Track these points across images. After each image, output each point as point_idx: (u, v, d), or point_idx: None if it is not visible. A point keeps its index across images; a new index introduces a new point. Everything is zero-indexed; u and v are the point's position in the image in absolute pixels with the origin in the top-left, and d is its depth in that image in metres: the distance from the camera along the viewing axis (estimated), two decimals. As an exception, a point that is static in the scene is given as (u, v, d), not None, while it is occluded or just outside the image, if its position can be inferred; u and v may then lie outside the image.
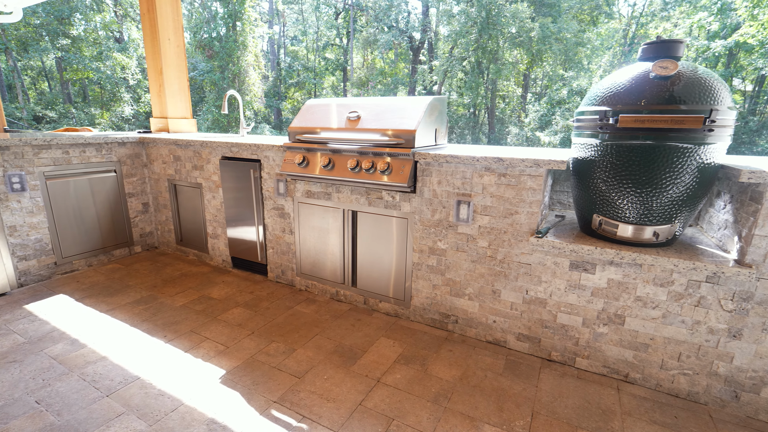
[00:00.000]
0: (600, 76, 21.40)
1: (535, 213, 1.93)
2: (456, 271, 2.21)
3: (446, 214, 2.17)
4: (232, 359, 2.04)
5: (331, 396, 1.77)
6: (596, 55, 22.07)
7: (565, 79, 21.76)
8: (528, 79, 23.67)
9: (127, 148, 3.36)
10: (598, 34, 21.82)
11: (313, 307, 2.61)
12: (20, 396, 1.74)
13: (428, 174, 2.17)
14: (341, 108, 2.51)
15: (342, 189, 2.49)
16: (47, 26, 18.59)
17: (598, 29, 22.00)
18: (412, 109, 2.27)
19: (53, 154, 2.88)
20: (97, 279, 2.99)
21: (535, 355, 2.09)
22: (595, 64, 22.22)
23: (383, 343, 2.20)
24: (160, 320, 2.41)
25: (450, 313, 2.29)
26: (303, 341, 2.21)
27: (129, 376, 1.89)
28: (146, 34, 3.90)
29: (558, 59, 20.93)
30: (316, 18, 27.37)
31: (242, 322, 2.41)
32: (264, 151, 2.75)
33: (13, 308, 2.52)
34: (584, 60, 21.61)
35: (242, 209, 2.99)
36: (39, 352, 2.06)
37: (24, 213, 2.76)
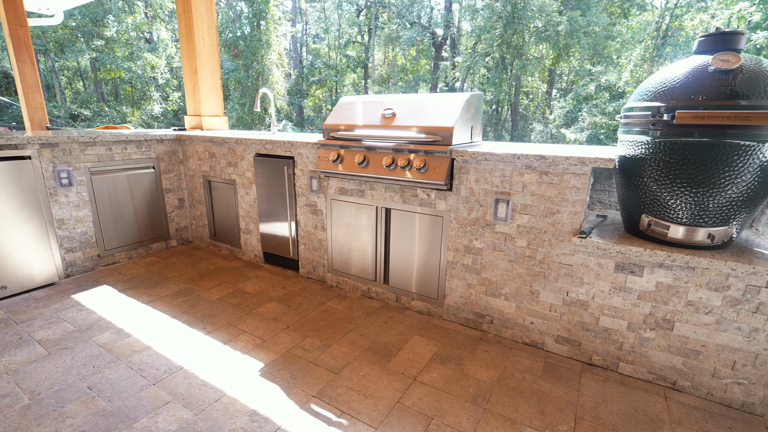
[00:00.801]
0: (630, 70, 20.60)
1: (578, 213, 1.87)
2: (492, 270, 2.18)
3: (483, 213, 2.13)
4: (270, 353, 2.07)
5: (368, 392, 1.78)
6: (626, 49, 21.24)
7: (592, 74, 21.06)
8: (553, 75, 23.04)
9: (164, 145, 3.47)
10: (628, 27, 20.99)
11: (345, 304, 2.63)
12: (73, 381, 1.83)
13: (465, 172, 2.14)
14: (376, 105, 2.50)
15: (376, 186, 2.48)
16: (83, 28, 19.41)
17: (629, 22, 21.16)
18: (449, 106, 2.24)
19: (97, 150, 3.00)
20: (137, 271, 3.11)
21: (574, 359, 2.03)
22: (625, 58, 21.40)
23: (417, 341, 2.19)
24: (198, 312, 2.48)
25: (485, 313, 2.26)
26: (337, 337, 2.23)
27: (173, 366, 1.95)
28: (182, 34, 4.01)
29: (586, 53, 20.28)
30: (338, 16, 27.48)
31: (277, 316, 2.45)
32: (298, 148, 2.78)
33: (62, 297, 2.65)
34: (613, 54, 20.85)
35: (275, 206, 3.04)
36: (88, 340, 2.16)
37: (71, 207, 2.89)
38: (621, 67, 21.14)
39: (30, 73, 6.42)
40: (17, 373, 1.87)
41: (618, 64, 21.23)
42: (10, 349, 2.06)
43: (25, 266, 2.66)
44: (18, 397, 1.72)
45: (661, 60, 20.16)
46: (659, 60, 20.31)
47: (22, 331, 2.23)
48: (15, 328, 2.26)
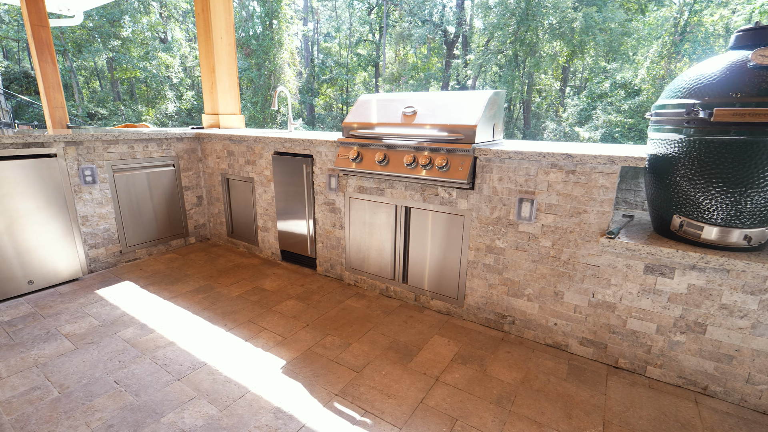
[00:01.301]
0: (647, 68, 20.16)
1: (606, 212, 1.83)
2: (515, 270, 2.15)
3: (506, 212, 2.10)
4: (291, 350, 2.08)
5: (391, 392, 1.77)
6: (642, 46, 20.79)
7: (607, 72, 20.69)
8: (567, 72, 22.70)
9: (184, 143, 3.51)
10: (645, 23, 20.53)
11: (364, 302, 2.62)
12: (101, 375, 1.86)
13: (488, 170, 2.11)
14: (396, 103, 2.49)
15: (396, 185, 2.47)
16: (100, 29, 19.79)
17: (645, 18, 20.70)
18: (471, 104, 2.21)
19: (120, 148, 3.05)
20: (157, 267, 3.15)
21: (600, 361, 1.99)
22: (641, 55, 20.95)
23: (438, 341, 2.18)
24: (219, 309, 2.51)
25: (507, 313, 2.23)
26: (357, 336, 2.22)
27: (196, 361, 1.97)
28: (200, 33, 4.04)
29: (601, 51, 19.92)
30: (349, 14, 27.49)
31: (296, 314, 2.46)
32: (317, 147, 2.78)
33: (86, 293, 2.70)
34: (629, 51, 20.44)
35: (293, 204, 3.05)
36: (113, 335, 2.20)
37: (94, 204, 2.95)
38: (637, 64, 20.72)
39: (51, 73, 6.57)
40: (46, 367, 1.91)
41: (634, 61, 20.81)
42: (39, 342, 2.11)
43: (51, 262, 2.72)
44: (48, 390, 1.76)
45: (679, 57, 19.68)
46: (677, 57, 19.82)
47: (50, 325, 2.28)
48: (42, 322, 2.31)
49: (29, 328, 2.25)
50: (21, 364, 1.93)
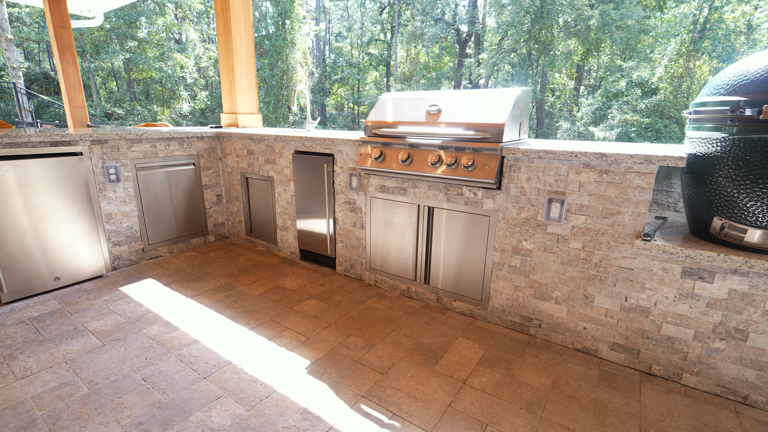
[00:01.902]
0: (664, 66, 19.71)
1: (641, 214, 1.77)
2: (542, 272, 2.10)
3: (534, 213, 2.05)
4: (315, 350, 2.07)
5: (418, 395, 1.74)
6: (659, 44, 20.33)
7: (623, 70, 20.29)
8: (581, 71, 22.33)
9: (204, 142, 3.53)
10: (663, 20, 20.06)
11: (385, 303, 2.60)
12: (128, 373, 1.87)
13: (516, 170, 2.07)
14: (419, 101, 2.46)
15: (419, 184, 2.44)
16: (117, 30, 20.17)
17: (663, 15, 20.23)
18: (498, 102, 2.17)
19: (143, 147, 3.09)
20: (179, 265, 3.18)
21: (631, 368, 1.93)
22: (658, 52, 20.49)
23: (462, 343, 2.14)
24: (241, 308, 2.51)
25: (533, 316, 2.18)
26: (380, 337, 2.20)
27: (221, 360, 1.98)
28: (219, 32, 4.07)
29: (617, 49, 19.55)
30: (361, 14, 27.50)
31: (318, 314, 2.45)
32: (338, 146, 2.77)
33: (110, 290, 2.73)
34: (646, 49, 20.02)
35: (313, 203, 3.04)
36: (138, 332, 2.21)
37: (118, 202, 2.98)
38: (654, 62, 20.28)
39: (72, 73, 6.70)
40: (75, 363, 1.93)
41: (651, 59, 20.37)
42: (67, 338, 2.14)
43: (76, 259, 2.76)
44: (77, 386, 1.77)
45: (699, 54, 19.18)
46: (696, 54, 19.33)
47: (77, 321, 2.31)
48: (70, 319, 2.34)
49: (57, 324, 2.28)
50: (50, 359, 1.95)
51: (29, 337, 2.14)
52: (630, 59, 20.06)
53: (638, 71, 20.04)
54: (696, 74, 19.37)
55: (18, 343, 2.08)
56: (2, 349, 2.03)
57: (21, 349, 2.03)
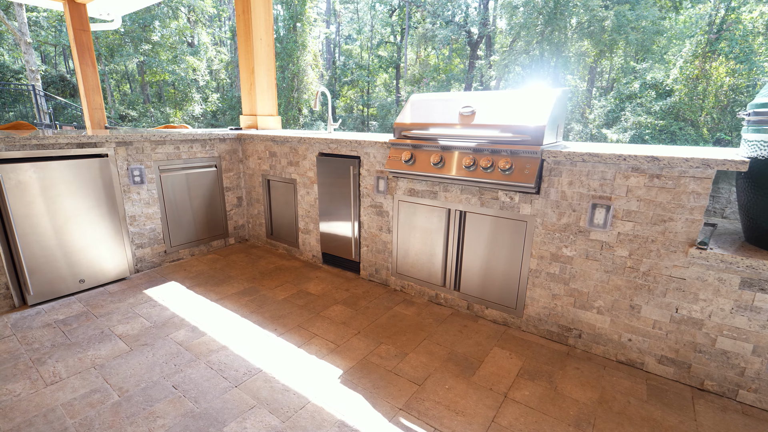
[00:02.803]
0: (680, 67, 19.38)
1: (696, 221, 1.68)
2: (583, 281, 2.01)
3: (576, 219, 1.97)
4: (346, 359, 2.00)
5: (458, 408, 1.67)
6: (673, 45, 19.99)
7: (636, 72, 20.00)
8: (594, 73, 22.06)
9: (226, 144, 3.51)
10: (677, 21, 19.72)
11: (413, 310, 2.53)
12: (158, 380, 1.83)
13: (557, 174, 1.98)
14: (450, 102, 2.39)
15: (450, 188, 2.37)
16: (131, 33, 20.47)
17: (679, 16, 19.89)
18: (537, 103, 2.09)
19: (167, 149, 3.06)
20: (201, 268, 3.15)
21: (681, 382, 1.83)
22: (671, 54, 20.15)
23: (498, 353, 2.06)
24: (267, 313, 2.46)
25: (572, 326, 2.09)
26: (412, 345, 2.13)
27: (252, 368, 1.92)
28: (240, 34, 4.05)
29: (630, 50, 19.26)
30: (371, 16, 27.57)
31: (345, 320, 2.39)
32: (365, 148, 2.71)
33: (135, 293, 2.70)
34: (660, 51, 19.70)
35: (337, 206, 2.99)
36: (165, 337, 2.17)
37: (142, 204, 2.96)
38: (668, 63, 19.95)
39: (91, 75, 6.77)
40: (104, 368, 1.90)
41: (665, 61, 20.05)
42: (94, 343, 2.10)
43: (100, 261, 2.74)
44: (108, 393, 1.73)
45: (715, 56, 18.82)
46: (712, 56, 18.97)
47: (103, 325, 2.28)
48: (96, 322, 2.31)
49: (83, 327, 2.25)
50: (79, 364, 1.92)
51: (57, 340, 2.12)
52: (643, 61, 19.77)
53: (652, 73, 19.73)
54: (712, 76, 19.01)
55: (46, 347, 2.05)
56: (31, 353, 2.00)
57: (49, 354, 2.00)
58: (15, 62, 20.41)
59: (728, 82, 18.15)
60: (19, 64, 19.99)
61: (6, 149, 2.27)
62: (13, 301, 2.43)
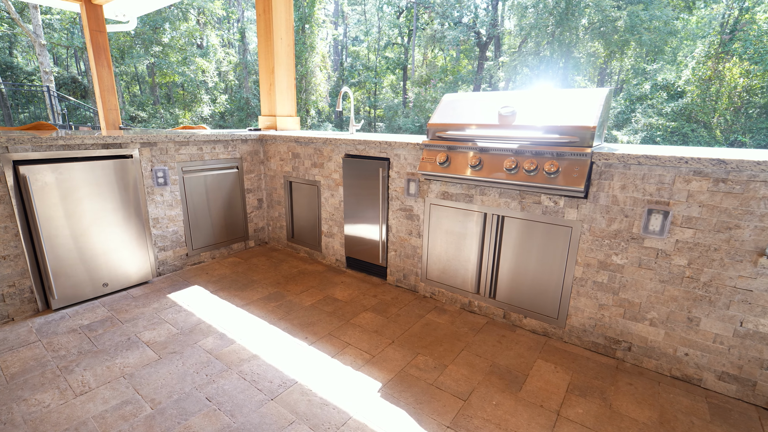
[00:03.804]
0: (692, 68, 19.12)
1: (767, 229, 1.56)
2: (635, 290, 1.90)
3: (628, 225, 1.86)
4: (383, 371, 1.91)
5: (509, 427, 1.57)
6: (684, 46, 19.72)
7: (647, 73, 19.76)
8: (604, 73, 21.83)
9: (248, 145, 3.44)
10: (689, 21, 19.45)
11: (446, 318, 2.43)
12: (190, 391, 1.75)
13: (607, 177, 1.88)
14: (488, 102, 2.29)
15: (488, 192, 2.27)
16: (142, 35, 20.63)
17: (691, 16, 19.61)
18: (584, 102, 1.99)
19: (190, 150, 3.00)
20: (223, 272, 3.08)
21: (745, 401, 1.72)
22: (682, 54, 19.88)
23: (542, 366, 1.95)
24: (295, 320, 2.38)
25: (620, 338, 1.98)
26: (450, 356, 2.03)
27: (286, 379, 1.84)
28: (260, 34, 3.99)
29: (640, 51, 19.02)
30: (378, 18, 27.57)
31: (377, 328, 2.30)
32: (395, 149, 2.62)
33: (158, 297, 2.64)
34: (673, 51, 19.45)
35: (364, 209, 2.90)
36: (194, 345, 2.10)
37: (165, 206, 2.90)
38: (680, 64, 19.70)
39: (107, 76, 6.76)
40: (133, 378, 1.82)
41: (676, 62, 19.80)
42: (122, 350, 2.03)
43: (124, 264, 2.68)
44: (140, 405, 1.66)
45: (728, 56, 18.54)
46: (725, 57, 18.68)
47: (129, 331, 2.21)
48: (121, 328, 2.24)
49: (109, 333, 2.19)
50: (108, 373, 1.85)
51: (83, 347, 2.05)
52: (654, 62, 19.52)
53: (663, 74, 19.49)
54: (725, 77, 18.73)
55: (72, 354, 1.99)
56: (57, 361, 1.93)
57: (76, 361, 1.93)
58: (28, 64, 20.67)
59: (742, 83, 17.85)
60: (32, 66, 20.23)
61: (33, 150, 2.21)
62: (37, 305, 2.38)
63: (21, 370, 1.86)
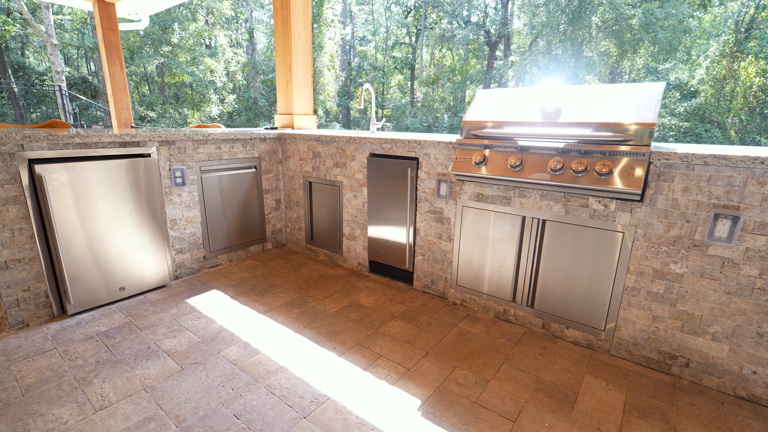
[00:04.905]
0: (706, 67, 18.77)
1: None
2: (696, 302, 1.75)
3: (690, 230, 1.71)
4: (420, 386, 1.78)
5: (568, 453, 1.43)
6: (697, 45, 19.34)
7: (659, 72, 19.42)
8: (615, 73, 21.50)
9: (266, 144, 3.33)
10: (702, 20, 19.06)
11: (480, 327, 2.29)
12: (217, 407, 1.63)
13: (667, 179, 1.73)
14: (527, 98, 2.15)
15: (528, 193, 2.13)
16: (152, 35, 20.72)
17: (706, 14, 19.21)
18: (637, 98, 1.84)
19: (208, 149, 2.89)
20: (241, 275, 2.96)
21: (825, 426, 1.56)
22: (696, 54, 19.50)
23: (593, 383, 1.81)
24: (321, 328, 2.25)
25: (677, 353, 1.83)
26: (491, 370, 1.89)
27: (318, 394, 1.71)
28: (277, 30, 3.88)
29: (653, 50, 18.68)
30: (386, 18, 27.46)
31: (408, 338, 2.16)
32: (425, 148, 2.49)
33: (177, 302, 2.53)
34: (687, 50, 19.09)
35: (389, 211, 2.77)
36: (216, 354, 1.98)
37: (183, 207, 2.79)
38: (693, 63, 19.32)
39: (119, 75, 6.70)
40: (155, 391, 1.71)
41: (689, 61, 19.42)
42: (142, 360, 1.92)
43: (141, 267, 2.58)
44: (163, 422, 1.54)
45: (744, 55, 18.15)
46: (741, 55, 18.29)
47: (148, 339, 2.10)
48: (140, 336, 2.13)
49: (128, 341, 2.08)
50: (128, 386, 1.74)
51: (101, 356, 1.94)
52: (666, 61, 19.17)
53: (675, 73, 19.13)
54: (741, 76, 18.34)
55: (90, 364, 1.88)
56: (75, 371, 1.83)
57: (94, 372, 1.82)
58: (39, 64, 20.85)
59: (758, 82, 17.45)
60: (43, 66, 20.41)
61: (49, 148, 2.11)
62: (52, 310, 2.28)
63: (37, 381, 1.75)
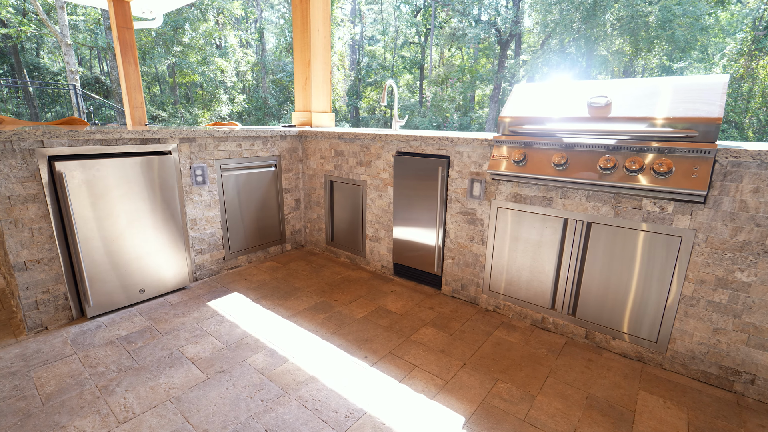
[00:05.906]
0: (723, 66, 18.34)
1: None
2: (764, 314, 1.60)
3: (760, 236, 1.56)
4: (462, 401, 1.66)
5: (634, 481, 1.29)
6: (712, 43, 18.88)
7: (674, 71, 19.00)
8: (629, 72, 21.11)
9: (287, 142, 3.23)
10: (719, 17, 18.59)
11: (517, 336, 2.16)
12: (246, 421, 1.52)
13: (735, 179, 1.59)
14: (570, 93, 2.02)
15: (572, 194, 1.99)
16: (163, 36, 20.85)
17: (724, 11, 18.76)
18: (698, 91, 1.70)
19: (229, 146, 2.80)
20: (261, 277, 2.87)
21: None
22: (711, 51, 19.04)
23: (649, 400, 1.67)
24: (349, 335, 2.14)
25: (741, 368, 1.68)
26: (536, 384, 1.76)
27: (353, 408, 1.60)
28: (296, 26, 3.78)
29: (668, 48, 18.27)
30: (395, 17, 27.34)
31: (443, 347, 2.04)
32: (457, 146, 2.37)
33: (197, 305, 2.44)
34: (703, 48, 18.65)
35: (417, 212, 2.65)
36: (242, 362, 1.88)
37: (203, 206, 2.71)
38: (709, 62, 18.87)
39: (133, 74, 6.68)
40: (181, 402, 1.61)
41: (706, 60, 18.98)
42: (165, 368, 1.83)
43: (160, 269, 2.49)
44: (191, 436, 1.44)
45: (762, 54, 17.67)
46: (759, 54, 17.81)
47: (171, 345, 2.01)
48: (162, 341, 2.04)
49: (149, 347, 1.99)
50: (152, 396, 1.64)
51: (123, 363, 1.85)
52: (681, 59, 18.76)
53: (690, 72, 18.72)
54: (759, 75, 17.88)
55: (112, 371, 1.79)
56: (96, 378, 1.74)
57: (116, 380, 1.73)
58: (54, 64, 21.12)
59: (776, 81, 16.98)
60: (57, 67, 20.66)
61: (69, 144, 2.03)
62: (71, 312, 2.20)
63: (57, 389, 1.66)
